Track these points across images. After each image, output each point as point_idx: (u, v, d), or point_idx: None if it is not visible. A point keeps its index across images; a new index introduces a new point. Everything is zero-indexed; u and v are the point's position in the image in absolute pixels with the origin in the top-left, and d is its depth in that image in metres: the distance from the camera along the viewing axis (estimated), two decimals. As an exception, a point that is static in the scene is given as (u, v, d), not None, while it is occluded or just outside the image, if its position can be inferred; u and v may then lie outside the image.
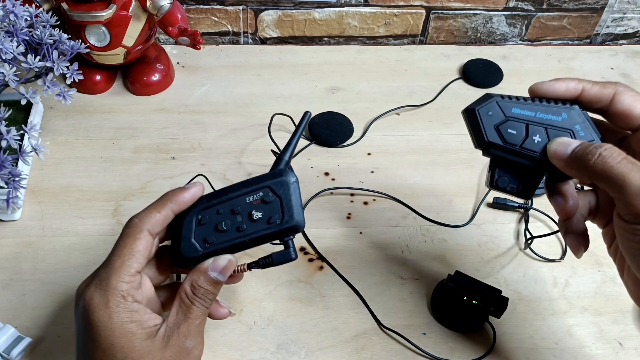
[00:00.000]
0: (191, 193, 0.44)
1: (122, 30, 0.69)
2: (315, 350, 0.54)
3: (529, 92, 0.43)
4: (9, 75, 0.54)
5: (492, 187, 0.44)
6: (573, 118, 0.42)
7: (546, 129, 0.41)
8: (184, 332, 0.41)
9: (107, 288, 0.40)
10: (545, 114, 0.42)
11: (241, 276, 0.46)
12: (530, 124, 0.42)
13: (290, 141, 0.46)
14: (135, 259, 0.41)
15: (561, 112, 0.42)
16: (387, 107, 0.77)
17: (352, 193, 0.67)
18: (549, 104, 0.42)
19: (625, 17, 0.92)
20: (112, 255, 0.41)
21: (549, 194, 0.43)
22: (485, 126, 0.42)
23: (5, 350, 0.49)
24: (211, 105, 0.76)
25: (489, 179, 0.44)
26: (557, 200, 0.43)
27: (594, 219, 0.44)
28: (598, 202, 0.44)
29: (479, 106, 0.42)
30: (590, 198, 0.44)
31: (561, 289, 0.60)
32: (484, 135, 0.42)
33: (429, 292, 0.58)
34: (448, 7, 0.87)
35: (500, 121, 0.42)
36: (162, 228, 0.43)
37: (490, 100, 0.42)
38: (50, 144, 0.67)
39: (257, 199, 0.43)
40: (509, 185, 0.43)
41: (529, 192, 0.43)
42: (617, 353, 0.55)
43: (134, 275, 0.41)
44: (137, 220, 0.42)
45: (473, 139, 0.44)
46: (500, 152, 0.42)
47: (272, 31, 0.87)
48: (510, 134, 0.42)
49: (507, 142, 0.42)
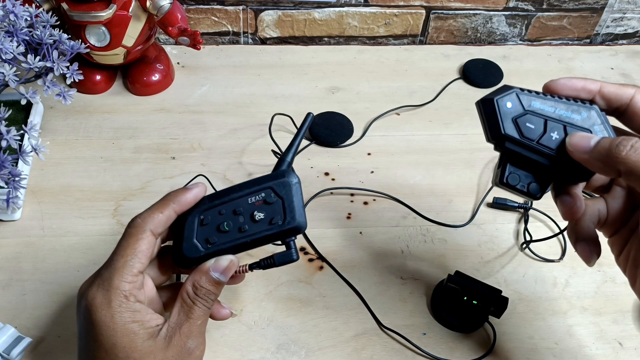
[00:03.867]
0: (193, 193, 0.44)
1: (122, 30, 0.69)
2: (315, 350, 0.54)
3: (544, 88, 0.42)
4: (9, 75, 0.54)
5: (501, 184, 0.41)
6: (592, 118, 0.40)
7: (565, 126, 0.40)
8: (185, 333, 0.41)
9: (110, 288, 0.40)
10: (565, 111, 0.40)
11: (243, 277, 0.46)
12: (549, 119, 0.40)
13: (292, 142, 0.46)
14: (138, 259, 0.41)
15: (581, 111, 0.40)
16: (387, 107, 0.77)
17: (352, 193, 0.67)
18: (568, 101, 0.40)
19: (625, 17, 0.92)
20: (115, 255, 0.41)
21: (556, 194, 0.42)
22: (503, 118, 0.40)
23: (5, 350, 0.49)
24: (211, 105, 0.76)
25: (499, 175, 0.41)
26: (565, 199, 0.41)
27: (602, 227, 0.43)
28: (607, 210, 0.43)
29: (498, 96, 0.40)
30: (600, 205, 0.43)
31: (561, 289, 0.60)
32: (501, 127, 0.40)
33: (429, 292, 0.58)
34: (448, 7, 0.87)
35: (518, 114, 0.40)
36: (165, 228, 0.43)
37: (510, 92, 0.40)
38: (50, 144, 0.67)
39: (259, 200, 0.43)
40: (519, 183, 0.41)
41: (539, 192, 0.42)
42: (617, 353, 0.55)
43: (137, 275, 0.41)
44: (140, 220, 0.42)
45: (487, 130, 0.41)
46: (515, 147, 0.40)
47: (272, 31, 0.87)
48: (528, 128, 0.40)
49: (524, 136, 0.40)
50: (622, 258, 0.42)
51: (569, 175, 0.41)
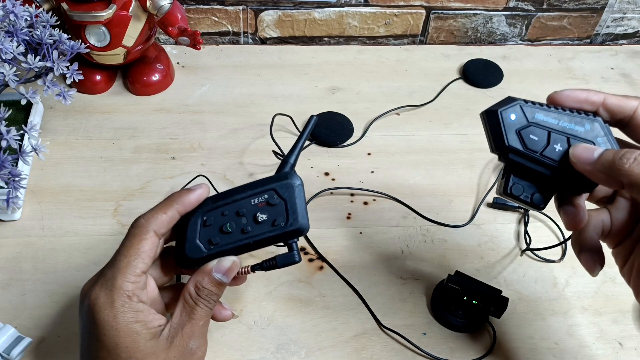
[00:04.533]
0: (197, 194, 0.44)
1: (122, 30, 0.69)
2: (315, 350, 0.54)
3: (548, 99, 0.42)
4: (9, 75, 0.54)
5: (505, 194, 0.42)
6: (595, 130, 0.41)
7: (568, 138, 0.40)
8: (187, 333, 0.41)
9: (113, 288, 0.40)
10: (568, 123, 0.41)
11: (244, 278, 0.46)
12: (553, 131, 0.40)
13: (295, 144, 0.46)
14: (141, 259, 0.41)
15: (584, 123, 0.41)
16: (387, 107, 0.77)
17: (352, 193, 0.67)
18: (572, 113, 0.41)
19: (625, 17, 0.92)
20: (118, 255, 0.41)
21: (559, 204, 0.42)
22: (507, 130, 0.40)
23: (5, 350, 0.49)
24: (211, 105, 0.76)
25: (503, 185, 0.42)
26: (568, 209, 0.42)
27: (605, 238, 0.43)
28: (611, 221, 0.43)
29: (502, 108, 0.40)
30: (604, 216, 0.43)
31: (561, 289, 0.60)
32: (505, 139, 0.40)
33: (429, 292, 0.58)
34: (448, 7, 0.87)
35: (522, 126, 0.40)
36: (168, 229, 0.43)
37: (514, 104, 0.41)
38: (50, 144, 0.67)
39: (262, 201, 0.43)
40: (523, 193, 0.42)
41: (543, 202, 0.42)
42: (617, 353, 0.55)
43: (140, 276, 0.41)
44: (144, 220, 0.42)
45: (491, 142, 0.42)
46: (519, 158, 0.41)
47: (272, 31, 0.87)
48: (532, 140, 0.40)
49: (527, 147, 0.40)
50: (626, 269, 0.42)
51: (572, 186, 0.41)
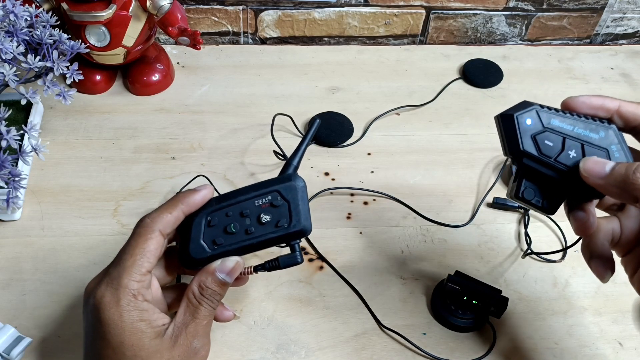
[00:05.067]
0: (202, 195, 0.44)
1: (122, 30, 0.69)
2: (315, 350, 0.54)
3: (563, 105, 0.42)
4: (9, 75, 0.54)
5: (517, 198, 0.42)
6: (610, 137, 0.41)
7: (582, 145, 0.40)
8: (191, 332, 0.41)
9: (119, 286, 0.40)
10: (583, 129, 0.41)
11: (247, 279, 0.46)
12: (567, 137, 0.40)
13: (299, 147, 0.47)
14: (147, 258, 0.41)
15: (599, 130, 0.41)
16: (387, 107, 0.77)
17: (352, 193, 0.67)
18: (587, 119, 0.41)
19: (625, 17, 0.92)
20: (124, 254, 0.41)
21: (569, 209, 0.42)
22: (522, 134, 0.40)
23: (5, 350, 0.49)
24: (211, 105, 0.76)
25: (515, 189, 0.42)
26: (578, 215, 0.41)
27: (615, 246, 0.43)
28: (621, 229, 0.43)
29: (518, 112, 0.40)
30: (614, 224, 0.43)
31: (561, 289, 0.60)
32: (520, 144, 0.40)
33: (429, 292, 0.58)
34: (448, 7, 0.87)
35: (538, 131, 0.40)
36: (173, 229, 0.43)
37: (530, 109, 0.41)
38: (50, 144, 0.67)
39: (266, 203, 0.44)
40: (534, 198, 0.42)
41: (554, 207, 0.42)
42: (617, 353, 0.55)
43: (145, 275, 0.41)
44: (149, 220, 0.42)
45: (505, 145, 0.42)
46: (533, 163, 0.41)
47: (272, 31, 0.87)
48: (547, 146, 0.40)
49: (542, 153, 0.40)
50: (636, 278, 0.42)
51: (583, 192, 0.41)
